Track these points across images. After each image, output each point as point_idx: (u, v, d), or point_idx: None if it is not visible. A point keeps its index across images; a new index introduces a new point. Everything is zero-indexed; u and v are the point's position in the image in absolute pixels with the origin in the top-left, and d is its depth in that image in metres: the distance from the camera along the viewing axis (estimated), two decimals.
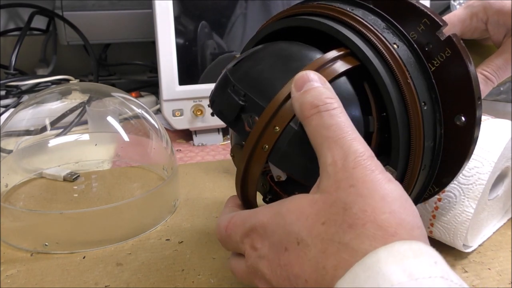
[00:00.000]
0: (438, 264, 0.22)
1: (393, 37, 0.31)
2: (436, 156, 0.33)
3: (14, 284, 0.37)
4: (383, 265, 0.21)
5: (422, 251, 0.22)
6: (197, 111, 0.66)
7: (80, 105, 0.60)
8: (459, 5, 0.74)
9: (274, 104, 0.29)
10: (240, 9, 0.68)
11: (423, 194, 0.35)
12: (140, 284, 0.37)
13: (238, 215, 0.31)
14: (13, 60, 0.78)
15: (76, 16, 0.84)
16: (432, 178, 0.34)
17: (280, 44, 0.34)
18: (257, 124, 0.29)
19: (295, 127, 0.29)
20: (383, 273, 0.21)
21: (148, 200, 0.46)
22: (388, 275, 0.21)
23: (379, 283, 0.21)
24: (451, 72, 0.31)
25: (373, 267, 0.22)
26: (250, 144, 0.29)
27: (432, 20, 0.31)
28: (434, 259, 0.22)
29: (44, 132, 0.56)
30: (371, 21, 0.32)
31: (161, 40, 0.63)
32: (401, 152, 0.30)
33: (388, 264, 0.21)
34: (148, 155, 0.56)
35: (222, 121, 0.32)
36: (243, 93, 0.31)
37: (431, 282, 0.21)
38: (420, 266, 0.21)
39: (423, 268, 0.21)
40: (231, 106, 0.31)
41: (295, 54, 0.32)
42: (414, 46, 0.31)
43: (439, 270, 0.21)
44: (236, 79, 0.32)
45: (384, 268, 0.21)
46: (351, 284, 0.22)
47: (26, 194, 0.50)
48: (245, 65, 0.33)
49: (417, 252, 0.22)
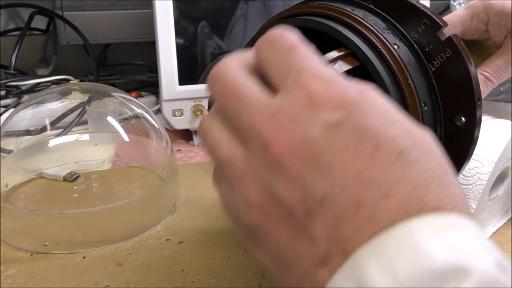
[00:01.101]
0: (479, 235, 0.20)
1: (393, 38, 0.31)
2: None
3: (14, 284, 0.37)
4: (419, 238, 0.18)
5: (459, 223, 0.20)
6: (197, 111, 0.66)
7: (80, 105, 0.60)
8: (459, 5, 0.74)
9: None
10: (240, 10, 0.68)
11: None
12: (140, 284, 0.37)
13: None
14: (13, 60, 0.78)
15: (76, 16, 0.84)
16: None
17: None
18: None
19: None
20: (420, 247, 0.18)
21: (148, 200, 0.46)
22: (427, 249, 0.18)
23: (417, 259, 0.18)
24: (451, 72, 0.31)
25: (407, 240, 0.19)
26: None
27: (433, 21, 0.31)
28: (474, 231, 0.20)
29: (44, 132, 0.56)
30: (372, 21, 0.32)
31: (161, 40, 0.63)
32: None
33: (424, 238, 0.18)
34: (148, 155, 0.56)
35: None
36: None
37: (476, 256, 0.18)
38: (461, 238, 0.19)
39: (465, 240, 0.19)
40: None
41: None
42: (415, 47, 0.31)
43: (481, 242, 0.19)
44: None
45: (421, 242, 0.18)
46: (377, 256, 0.19)
47: (26, 194, 0.50)
48: None
49: (454, 224, 0.19)
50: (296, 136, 0.21)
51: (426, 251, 0.18)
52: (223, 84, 0.24)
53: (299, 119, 0.21)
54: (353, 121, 0.21)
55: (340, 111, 0.21)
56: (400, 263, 0.18)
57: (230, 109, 0.23)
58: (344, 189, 0.20)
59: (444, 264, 0.18)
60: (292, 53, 0.23)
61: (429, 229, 0.19)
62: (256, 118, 0.22)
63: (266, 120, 0.21)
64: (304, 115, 0.21)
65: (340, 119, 0.21)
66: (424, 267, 0.18)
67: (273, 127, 0.21)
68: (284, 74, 0.22)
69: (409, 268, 0.18)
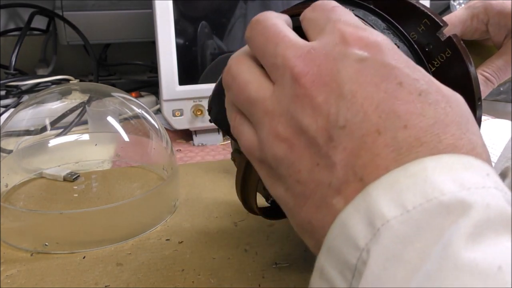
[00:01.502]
0: (491, 176, 0.20)
1: (393, 38, 0.31)
2: None
3: (14, 284, 0.37)
4: (431, 173, 0.19)
5: (472, 163, 0.20)
6: (197, 111, 0.66)
7: (80, 105, 0.60)
8: (459, 5, 0.74)
9: None
10: (240, 10, 0.68)
11: None
12: (140, 284, 0.37)
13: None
14: (13, 60, 0.78)
15: (76, 16, 0.84)
16: None
17: None
18: None
19: None
20: (431, 181, 0.19)
21: (148, 200, 0.46)
22: (437, 183, 0.19)
23: (427, 192, 0.19)
24: (451, 72, 0.31)
25: (419, 175, 0.19)
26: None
27: (432, 21, 0.31)
28: (486, 171, 0.20)
29: (44, 132, 0.56)
30: (372, 21, 0.32)
31: (161, 40, 0.63)
32: None
33: (436, 174, 0.19)
34: (148, 155, 0.56)
35: (220, 129, 0.32)
36: None
37: (485, 192, 0.19)
38: (472, 177, 0.19)
39: (475, 179, 0.19)
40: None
41: None
42: (415, 47, 0.31)
43: (492, 182, 0.20)
44: None
45: (432, 177, 0.19)
46: (389, 189, 0.19)
47: (26, 194, 0.50)
48: None
49: (467, 164, 0.20)
50: (325, 69, 0.23)
51: (436, 185, 0.19)
52: (264, 27, 0.26)
53: (330, 55, 0.23)
54: (381, 59, 0.22)
55: (369, 49, 0.23)
56: (409, 195, 0.19)
57: (267, 49, 0.25)
58: (365, 118, 0.21)
59: (451, 197, 0.18)
60: (332, 10, 0.25)
61: (441, 167, 0.19)
62: (291, 54, 0.24)
63: (300, 56, 0.23)
64: (335, 51, 0.23)
65: (368, 55, 0.22)
66: (432, 200, 0.18)
67: (306, 62, 0.23)
68: (323, 26, 0.25)
69: (418, 200, 0.19)
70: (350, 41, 0.23)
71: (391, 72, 0.22)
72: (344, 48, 0.23)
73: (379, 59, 0.22)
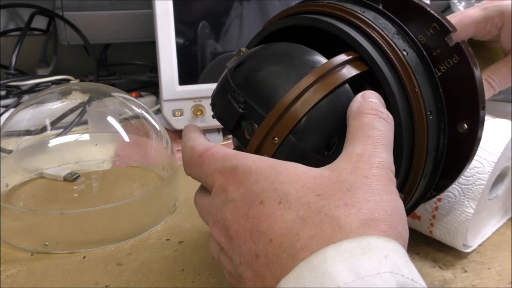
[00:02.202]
0: (389, 258, 0.21)
1: (403, 43, 0.31)
2: (438, 165, 0.33)
3: (14, 284, 0.37)
4: (330, 264, 0.21)
5: (371, 246, 0.22)
6: (197, 111, 0.66)
7: (80, 105, 0.60)
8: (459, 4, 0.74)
9: (274, 114, 0.28)
10: (236, 10, 0.67)
11: (422, 200, 0.35)
12: (140, 284, 0.37)
13: (221, 148, 0.29)
14: (13, 60, 0.78)
15: (76, 16, 0.84)
16: (432, 185, 0.34)
17: (283, 47, 0.33)
18: (256, 134, 0.28)
19: (294, 140, 0.28)
20: (329, 273, 0.21)
21: (148, 200, 0.46)
22: (334, 275, 0.21)
23: (324, 283, 0.20)
24: (457, 79, 0.31)
25: (319, 267, 0.21)
26: (249, 153, 0.29)
27: (442, 25, 0.31)
28: (384, 253, 0.21)
29: (44, 132, 0.56)
30: (382, 25, 0.31)
31: (161, 40, 0.63)
32: (403, 162, 0.30)
33: (334, 263, 0.21)
34: (148, 155, 0.56)
35: (223, 126, 0.32)
36: (243, 99, 0.30)
37: (378, 279, 0.20)
38: (368, 263, 0.21)
39: (371, 264, 0.21)
40: (231, 113, 0.30)
41: (297, 60, 0.31)
42: (423, 53, 0.31)
43: (389, 265, 0.21)
44: (236, 84, 0.31)
45: (330, 268, 0.21)
46: (295, 284, 0.21)
47: (26, 194, 0.50)
48: (246, 69, 0.32)
49: (366, 248, 0.21)
50: (220, 219, 0.27)
51: (333, 277, 0.21)
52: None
53: (217, 205, 0.27)
54: (243, 190, 0.26)
55: (231, 184, 0.27)
56: None
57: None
58: (246, 248, 0.25)
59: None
60: (201, 162, 0.29)
61: (341, 254, 0.21)
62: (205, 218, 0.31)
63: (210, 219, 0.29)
64: (219, 201, 0.27)
65: (234, 193, 0.26)
66: None
67: (212, 221, 0.28)
68: (204, 181, 0.30)
69: None
70: (223, 187, 0.27)
71: (253, 195, 0.25)
72: (223, 195, 0.27)
73: (242, 191, 0.26)
